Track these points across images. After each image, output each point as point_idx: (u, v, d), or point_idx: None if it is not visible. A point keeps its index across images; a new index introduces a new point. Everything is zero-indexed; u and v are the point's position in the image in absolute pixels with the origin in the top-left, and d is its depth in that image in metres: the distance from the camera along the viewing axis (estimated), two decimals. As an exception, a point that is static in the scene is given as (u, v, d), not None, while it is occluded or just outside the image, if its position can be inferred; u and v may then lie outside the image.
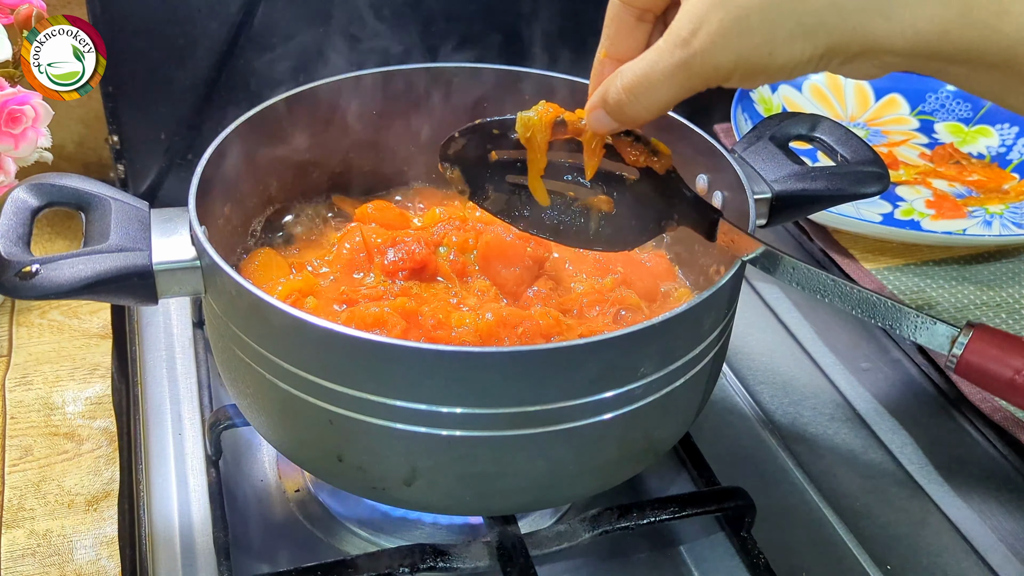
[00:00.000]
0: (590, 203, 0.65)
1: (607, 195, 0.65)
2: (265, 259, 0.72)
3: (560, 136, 0.62)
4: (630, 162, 0.62)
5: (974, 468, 0.77)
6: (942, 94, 1.16)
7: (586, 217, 0.66)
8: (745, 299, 0.92)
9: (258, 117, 0.70)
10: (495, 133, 0.64)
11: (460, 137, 0.64)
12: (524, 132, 0.62)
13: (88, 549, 0.65)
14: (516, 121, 0.62)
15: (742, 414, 0.81)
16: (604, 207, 0.65)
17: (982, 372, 0.54)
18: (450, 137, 0.64)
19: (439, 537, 0.68)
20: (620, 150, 0.62)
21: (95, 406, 0.76)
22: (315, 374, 0.54)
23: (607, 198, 0.65)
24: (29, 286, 0.55)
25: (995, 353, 0.54)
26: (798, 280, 0.59)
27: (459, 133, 0.64)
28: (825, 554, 0.69)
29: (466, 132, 0.64)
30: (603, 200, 0.65)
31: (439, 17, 0.98)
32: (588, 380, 0.54)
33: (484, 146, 0.64)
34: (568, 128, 0.62)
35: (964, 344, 0.54)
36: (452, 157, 0.65)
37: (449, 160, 0.65)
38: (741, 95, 1.09)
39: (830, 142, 0.73)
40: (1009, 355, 0.54)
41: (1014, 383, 0.53)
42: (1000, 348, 0.54)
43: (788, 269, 0.59)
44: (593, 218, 0.66)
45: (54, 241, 0.92)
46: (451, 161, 0.65)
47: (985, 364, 0.54)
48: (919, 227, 0.97)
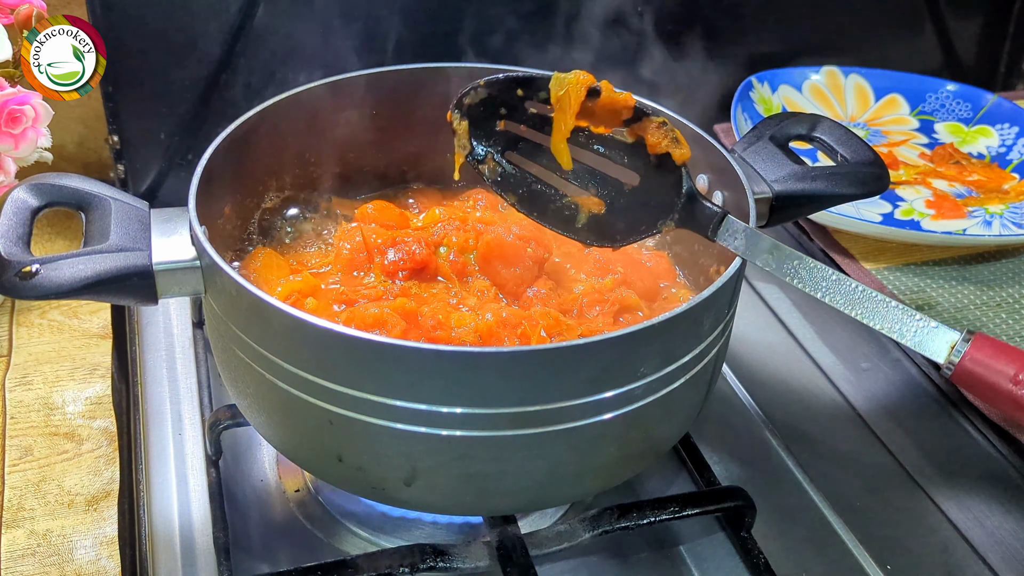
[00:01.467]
0: (583, 201, 0.65)
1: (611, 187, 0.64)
2: (265, 259, 0.72)
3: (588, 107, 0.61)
4: (651, 144, 0.61)
5: (974, 468, 0.77)
6: (942, 94, 1.16)
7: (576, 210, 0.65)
8: (745, 299, 0.92)
9: (258, 117, 0.70)
10: (519, 94, 0.61)
11: (483, 88, 0.62)
12: (557, 89, 0.60)
13: (88, 549, 0.65)
14: (550, 79, 0.61)
15: (742, 414, 0.81)
16: (594, 208, 0.65)
17: (979, 380, 0.54)
18: (473, 86, 0.62)
19: (439, 537, 0.68)
20: (645, 131, 0.61)
21: (95, 406, 0.76)
22: (315, 374, 0.54)
23: (598, 200, 0.64)
24: (29, 286, 0.55)
25: (993, 362, 0.54)
26: (801, 278, 0.59)
27: (484, 82, 0.62)
28: (825, 554, 0.69)
29: (491, 84, 0.61)
30: (594, 202, 0.65)
31: (447, 15, 0.98)
32: (588, 380, 0.54)
33: (499, 109, 0.62)
34: (599, 100, 0.60)
35: (962, 352, 0.54)
36: (466, 108, 0.62)
37: (461, 110, 0.62)
38: (741, 95, 1.09)
39: (830, 142, 0.73)
40: (1007, 364, 0.54)
41: (1012, 394, 0.53)
42: (998, 357, 0.54)
43: (793, 265, 0.59)
44: (583, 213, 0.65)
45: (54, 241, 0.92)
46: (463, 112, 0.62)
47: (983, 372, 0.54)
48: (919, 227, 0.97)
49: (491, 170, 0.64)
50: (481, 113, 0.62)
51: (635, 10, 1.05)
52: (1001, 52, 1.27)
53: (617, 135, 0.64)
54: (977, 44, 1.25)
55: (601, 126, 0.63)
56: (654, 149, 0.61)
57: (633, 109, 0.62)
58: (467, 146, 0.64)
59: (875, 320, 0.57)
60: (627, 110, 0.62)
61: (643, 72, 0.90)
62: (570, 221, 0.65)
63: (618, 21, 1.02)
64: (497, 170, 0.64)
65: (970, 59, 1.25)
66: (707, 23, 1.11)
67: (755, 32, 1.14)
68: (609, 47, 0.93)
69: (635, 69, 0.90)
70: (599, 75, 0.63)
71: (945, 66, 1.25)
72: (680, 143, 0.62)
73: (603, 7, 0.95)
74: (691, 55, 1.11)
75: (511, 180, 0.64)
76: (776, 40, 1.17)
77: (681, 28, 1.09)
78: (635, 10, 1.05)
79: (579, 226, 0.65)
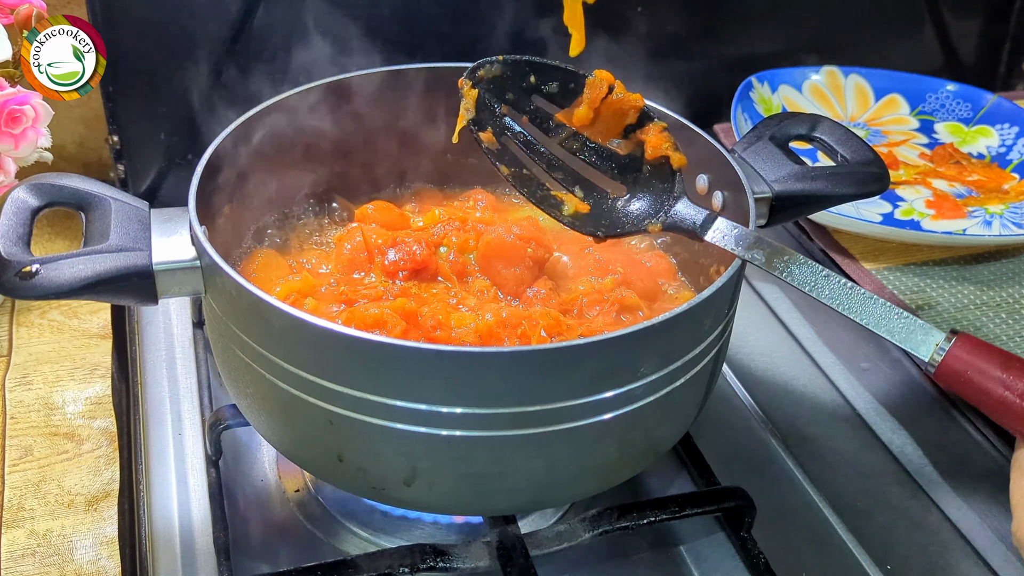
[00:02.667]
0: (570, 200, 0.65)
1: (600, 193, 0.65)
2: (265, 259, 0.72)
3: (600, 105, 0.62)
4: (652, 146, 0.62)
5: (974, 468, 0.77)
6: (942, 94, 1.16)
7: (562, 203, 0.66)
8: (745, 299, 0.92)
9: (258, 117, 0.70)
10: (531, 81, 0.63)
11: (500, 64, 0.63)
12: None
13: (88, 549, 0.65)
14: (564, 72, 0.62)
15: (742, 414, 0.81)
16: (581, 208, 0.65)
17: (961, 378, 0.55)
18: (491, 60, 0.63)
19: (439, 537, 0.68)
20: (645, 135, 0.62)
21: (95, 406, 0.76)
22: (315, 374, 0.54)
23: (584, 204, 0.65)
24: (29, 286, 0.55)
25: (975, 360, 0.54)
26: (792, 274, 0.59)
27: (502, 58, 0.63)
28: (825, 554, 0.69)
29: (507, 63, 0.63)
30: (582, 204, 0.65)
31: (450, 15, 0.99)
32: (588, 380, 0.54)
33: (507, 93, 0.64)
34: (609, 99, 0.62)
35: (945, 350, 0.55)
36: (478, 77, 0.64)
37: (474, 79, 0.64)
38: (741, 95, 1.09)
39: (830, 142, 0.73)
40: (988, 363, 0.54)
41: (994, 393, 0.54)
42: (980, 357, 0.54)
43: (784, 262, 0.59)
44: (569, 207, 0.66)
45: (54, 241, 0.92)
46: (475, 81, 0.64)
47: (965, 371, 0.54)
48: (919, 227, 0.97)
49: (490, 141, 0.65)
50: (491, 89, 0.63)
51: (635, 10, 1.05)
52: (1001, 52, 1.27)
53: (612, 146, 0.65)
54: (977, 44, 1.25)
55: (602, 131, 0.64)
56: (655, 152, 0.62)
57: (640, 112, 0.62)
58: (472, 111, 0.65)
59: (863, 317, 0.58)
60: (635, 111, 0.62)
61: (643, 72, 0.90)
62: (556, 208, 0.66)
63: (618, 21, 1.02)
64: (496, 143, 0.65)
65: (970, 59, 1.25)
66: (707, 23, 1.11)
67: (755, 32, 1.14)
68: (609, 47, 0.93)
69: (635, 69, 0.90)
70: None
71: (945, 66, 1.25)
72: (679, 149, 0.62)
73: (603, 7, 0.95)
74: (691, 55, 1.11)
75: (506, 157, 0.65)
76: (776, 40, 1.17)
77: (681, 28, 1.09)
78: (635, 10, 1.05)
79: (564, 216, 0.66)
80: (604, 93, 0.62)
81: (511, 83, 0.64)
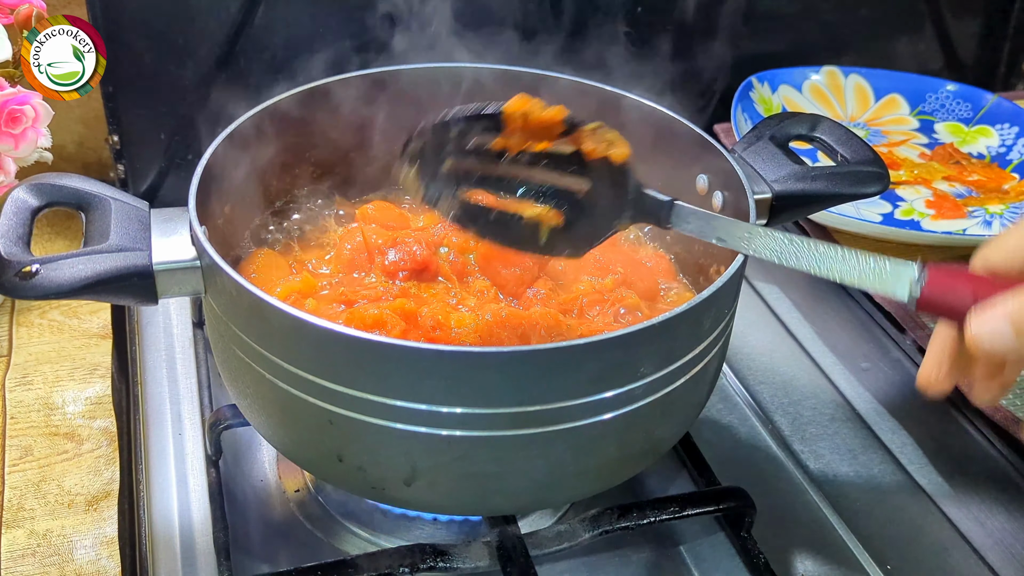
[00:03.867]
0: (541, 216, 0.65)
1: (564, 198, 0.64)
2: (265, 259, 0.72)
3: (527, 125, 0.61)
4: (587, 152, 0.61)
5: (974, 468, 0.77)
6: (942, 94, 1.17)
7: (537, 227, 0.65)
8: (745, 299, 0.92)
9: (258, 117, 0.70)
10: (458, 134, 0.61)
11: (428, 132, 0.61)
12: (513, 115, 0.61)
13: (88, 549, 0.65)
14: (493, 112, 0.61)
15: (742, 414, 0.81)
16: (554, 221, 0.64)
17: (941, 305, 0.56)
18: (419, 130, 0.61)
19: (439, 537, 0.68)
20: (580, 141, 0.61)
21: (95, 406, 0.76)
22: (315, 374, 0.54)
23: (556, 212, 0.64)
24: (29, 286, 0.55)
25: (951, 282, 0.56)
26: (756, 248, 0.59)
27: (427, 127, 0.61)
28: (825, 554, 0.69)
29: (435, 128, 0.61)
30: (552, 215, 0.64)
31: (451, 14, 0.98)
32: (588, 380, 0.54)
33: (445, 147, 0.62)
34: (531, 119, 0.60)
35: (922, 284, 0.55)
36: (411, 156, 0.62)
37: (406, 159, 0.62)
38: (741, 95, 1.09)
39: (830, 142, 0.73)
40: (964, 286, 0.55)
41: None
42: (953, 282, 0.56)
43: (744, 238, 0.59)
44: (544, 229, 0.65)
45: (54, 241, 0.92)
46: (409, 160, 0.62)
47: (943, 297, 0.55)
48: (919, 227, 0.97)
49: (447, 209, 0.64)
50: (429, 154, 0.62)
51: (635, 9, 1.05)
52: (1001, 52, 1.27)
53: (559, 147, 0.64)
54: (977, 44, 1.25)
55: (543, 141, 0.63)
56: (591, 156, 0.61)
57: (563, 122, 0.61)
58: (419, 191, 0.63)
59: (835, 273, 0.57)
60: (558, 125, 0.62)
61: (642, 71, 0.90)
62: (532, 240, 0.64)
63: (618, 21, 1.02)
64: (453, 207, 0.64)
65: (970, 59, 1.25)
66: (707, 23, 1.11)
67: (755, 32, 1.14)
68: (608, 47, 0.93)
69: (635, 68, 0.90)
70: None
71: (945, 66, 1.25)
72: (616, 144, 0.61)
73: (603, 6, 0.95)
74: (691, 55, 1.11)
75: (469, 213, 0.64)
76: (776, 40, 1.17)
77: (681, 28, 1.09)
78: (635, 9, 1.05)
79: (542, 243, 0.65)
80: (521, 123, 0.61)
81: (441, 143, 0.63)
